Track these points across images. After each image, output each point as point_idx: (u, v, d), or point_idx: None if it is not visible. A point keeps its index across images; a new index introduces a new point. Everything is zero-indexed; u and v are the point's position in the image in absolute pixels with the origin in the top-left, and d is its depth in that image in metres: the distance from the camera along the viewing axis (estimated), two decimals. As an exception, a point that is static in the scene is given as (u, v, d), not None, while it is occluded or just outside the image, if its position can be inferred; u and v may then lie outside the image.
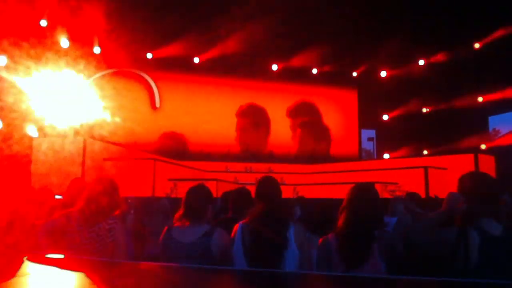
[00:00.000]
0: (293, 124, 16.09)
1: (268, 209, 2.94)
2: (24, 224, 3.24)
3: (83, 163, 9.09)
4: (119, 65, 13.60)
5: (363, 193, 2.78)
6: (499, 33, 12.38)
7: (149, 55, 14.17)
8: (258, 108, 15.81)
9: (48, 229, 2.99)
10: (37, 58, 10.65)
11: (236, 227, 2.97)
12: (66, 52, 11.92)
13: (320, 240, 2.76)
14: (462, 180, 2.65)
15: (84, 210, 2.99)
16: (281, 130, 15.88)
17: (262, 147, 15.58)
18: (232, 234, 2.94)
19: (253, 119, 15.69)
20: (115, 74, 13.65)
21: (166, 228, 3.01)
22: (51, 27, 11.75)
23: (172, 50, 13.86)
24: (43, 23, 11.71)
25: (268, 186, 3.13)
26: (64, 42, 12.25)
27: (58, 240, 2.90)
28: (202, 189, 3.11)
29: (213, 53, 14.25)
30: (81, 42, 12.37)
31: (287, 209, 3.14)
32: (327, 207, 3.82)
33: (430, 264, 2.54)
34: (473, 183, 2.59)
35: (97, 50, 13.21)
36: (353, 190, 2.80)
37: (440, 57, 14.21)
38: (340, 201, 2.82)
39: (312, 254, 3.05)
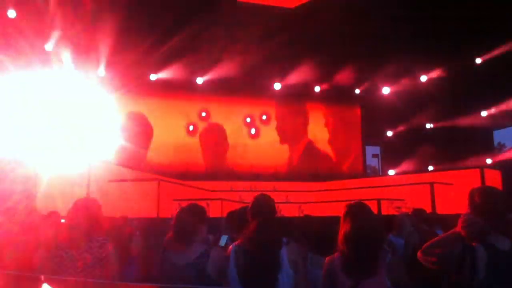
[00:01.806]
0: (298, 142, 16.08)
1: (260, 229, 2.91)
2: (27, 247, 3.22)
3: (87, 185, 9.09)
4: (123, 87, 13.71)
5: (356, 209, 2.77)
6: (501, 49, 12.43)
7: (153, 77, 14.28)
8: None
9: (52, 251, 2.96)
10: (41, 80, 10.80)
11: (231, 247, 2.93)
12: (71, 75, 12.07)
13: (327, 259, 2.74)
14: (472, 194, 2.63)
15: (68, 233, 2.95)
16: (285, 148, 15.88)
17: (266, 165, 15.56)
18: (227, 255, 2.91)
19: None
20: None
21: (162, 249, 2.98)
22: (56, 51, 11.88)
23: (174, 71, 13.99)
24: (48, 47, 11.85)
25: (261, 205, 3.08)
26: (68, 65, 12.36)
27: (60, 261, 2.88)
28: (191, 209, 3.07)
29: (215, 73, 14.34)
30: (86, 65, 12.50)
31: (280, 227, 3.10)
32: (328, 225, 3.79)
33: (436, 280, 2.52)
34: (482, 198, 2.57)
35: (101, 72, 13.33)
36: (346, 208, 2.80)
37: (442, 72, 14.23)
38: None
39: (314, 274, 3.01)
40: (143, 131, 14.17)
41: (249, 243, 2.85)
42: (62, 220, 5.59)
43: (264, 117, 15.86)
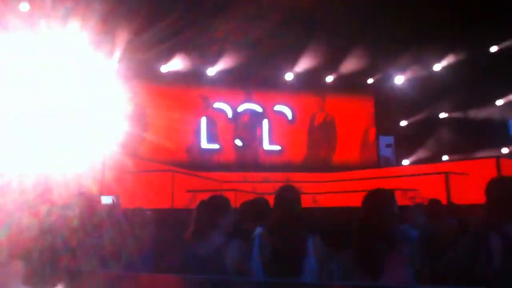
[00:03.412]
0: (311, 133, 16.03)
1: (286, 218, 2.90)
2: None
3: (102, 176, 9.17)
4: (135, 79, 13.76)
5: (371, 202, 2.73)
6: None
7: (164, 68, 14.28)
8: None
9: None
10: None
11: (253, 238, 2.93)
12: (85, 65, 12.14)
13: (344, 254, 2.73)
14: (489, 185, 2.61)
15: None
16: (299, 139, 15.83)
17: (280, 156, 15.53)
18: (249, 246, 2.91)
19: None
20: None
21: (184, 240, 3.01)
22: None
23: (185, 62, 14.02)
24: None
25: (287, 195, 3.07)
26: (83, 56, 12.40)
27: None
28: (211, 201, 3.10)
29: (227, 64, 14.32)
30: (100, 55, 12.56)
31: (306, 219, 3.09)
32: (342, 219, 3.77)
33: (451, 271, 2.51)
34: (498, 187, 2.55)
35: (114, 64, 13.35)
36: (362, 201, 2.77)
37: (457, 61, 14.06)
38: (357, 209, 2.78)
39: (331, 268, 3.00)
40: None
41: (275, 232, 2.84)
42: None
43: (276, 108, 15.80)
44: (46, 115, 10.47)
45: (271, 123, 15.62)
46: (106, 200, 5.46)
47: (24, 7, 10.94)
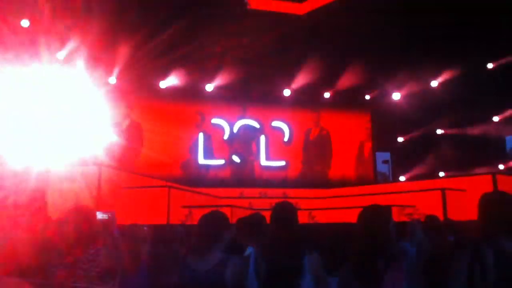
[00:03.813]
0: (308, 148, 16.03)
1: (282, 235, 2.88)
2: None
3: (98, 191, 9.15)
4: (133, 95, 13.83)
5: (366, 218, 2.73)
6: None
7: (162, 85, 14.33)
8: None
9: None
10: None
11: (249, 254, 2.92)
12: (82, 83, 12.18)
13: (341, 269, 2.72)
14: (481, 199, 2.62)
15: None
16: (295, 154, 15.83)
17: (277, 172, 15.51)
18: (245, 263, 2.89)
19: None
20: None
21: (182, 256, 2.98)
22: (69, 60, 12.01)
23: (183, 79, 14.10)
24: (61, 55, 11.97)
25: (283, 211, 3.07)
26: (80, 73, 12.46)
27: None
28: (214, 215, 3.07)
29: (225, 80, 14.37)
30: (98, 73, 12.61)
31: (302, 235, 3.08)
32: (339, 235, 3.76)
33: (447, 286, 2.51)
34: (492, 201, 2.56)
35: (112, 80, 13.40)
36: (358, 217, 2.76)
37: (453, 77, 14.15)
38: (354, 225, 2.78)
39: (327, 285, 2.99)
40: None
41: (270, 249, 2.83)
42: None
43: (273, 124, 15.81)
44: (43, 129, 10.48)
45: (269, 139, 15.63)
46: (102, 216, 5.45)
47: (25, 23, 11.01)
